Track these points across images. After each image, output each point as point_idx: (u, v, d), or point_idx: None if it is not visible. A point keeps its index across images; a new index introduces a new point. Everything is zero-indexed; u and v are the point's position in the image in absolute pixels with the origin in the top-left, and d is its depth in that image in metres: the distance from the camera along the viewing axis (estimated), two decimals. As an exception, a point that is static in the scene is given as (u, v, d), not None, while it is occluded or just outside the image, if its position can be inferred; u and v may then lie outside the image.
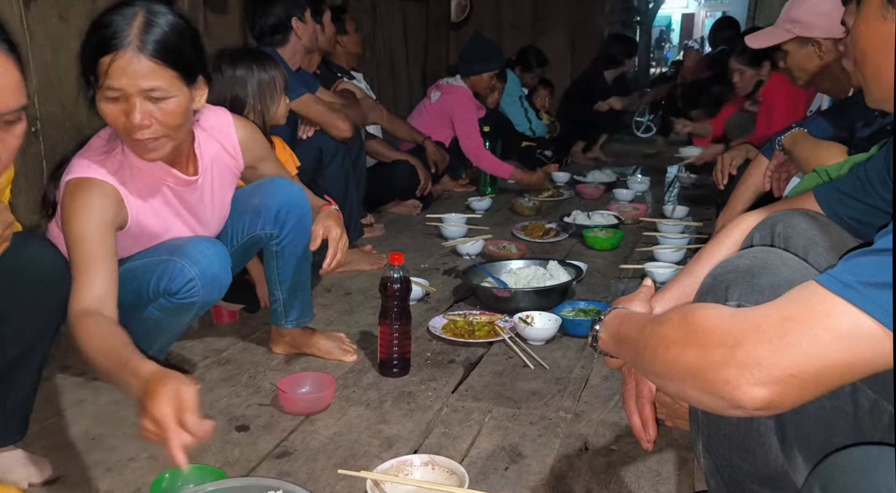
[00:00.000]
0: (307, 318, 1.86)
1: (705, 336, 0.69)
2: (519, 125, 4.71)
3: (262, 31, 2.65)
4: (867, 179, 1.02)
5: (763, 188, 1.98)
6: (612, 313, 0.96)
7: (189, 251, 1.46)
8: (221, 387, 1.70)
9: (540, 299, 2.13)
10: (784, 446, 0.80)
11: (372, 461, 1.36)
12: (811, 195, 1.10)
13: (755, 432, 0.82)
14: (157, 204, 1.52)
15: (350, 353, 1.85)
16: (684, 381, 0.70)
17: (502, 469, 1.35)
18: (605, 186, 4.00)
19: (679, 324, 0.73)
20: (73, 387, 1.70)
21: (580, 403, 1.61)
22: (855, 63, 0.85)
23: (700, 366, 0.68)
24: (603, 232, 2.91)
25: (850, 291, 0.62)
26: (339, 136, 2.67)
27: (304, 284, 1.82)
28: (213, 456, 1.40)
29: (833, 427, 0.76)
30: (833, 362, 0.62)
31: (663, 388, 0.79)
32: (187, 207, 1.57)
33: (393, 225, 3.29)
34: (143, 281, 1.47)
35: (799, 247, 0.98)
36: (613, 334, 0.92)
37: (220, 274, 1.49)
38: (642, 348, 0.79)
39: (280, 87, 2.12)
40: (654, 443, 1.02)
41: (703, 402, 0.70)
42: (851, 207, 1.04)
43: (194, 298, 1.46)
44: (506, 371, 1.78)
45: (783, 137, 1.90)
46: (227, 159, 1.63)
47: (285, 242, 1.72)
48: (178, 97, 1.33)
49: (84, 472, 1.35)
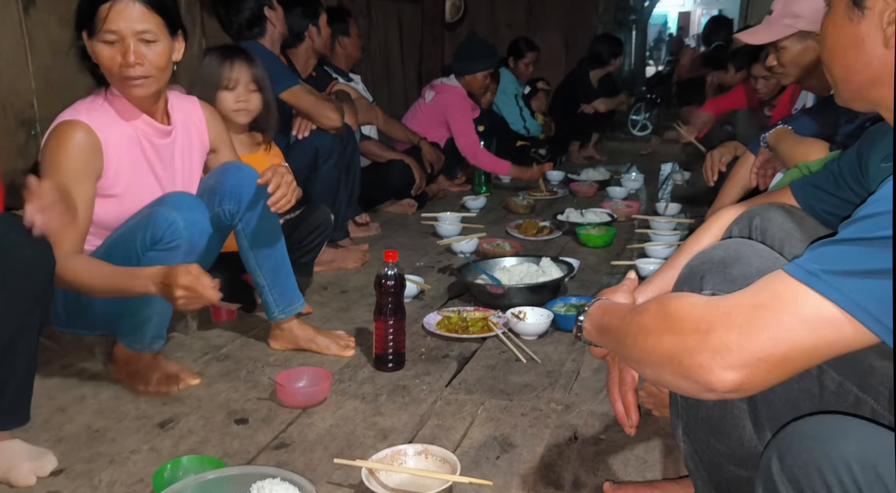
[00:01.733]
0: (297, 304, 1.88)
1: (680, 323, 0.72)
2: (513, 124, 4.75)
3: (240, 27, 2.68)
4: (840, 174, 1.06)
5: (750, 184, 2.02)
6: (595, 305, 1.00)
7: (165, 200, 1.58)
8: (220, 382, 1.74)
9: (532, 295, 2.17)
10: (757, 427, 0.84)
11: (367, 451, 1.40)
12: (788, 190, 1.14)
13: (730, 415, 0.86)
14: (135, 157, 1.63)
15: (349, 348, 1.89)
16: (661, 366, 0.74)
17: (494, 458, 1.39)
18: (598, 184, 4.04)
19: (656, 312, 0.77)
20: (74, 384, 1.73)
21: (570, 395, 1.65)
22: (825, 63, 0.89)
23: (675, 352, 0.72)
24: (596, 229, 2.95)
25: (814, 278, 0.66)
26: (329, 126, 2.67)
27: (283, 267, 1.85)
28: (213, 448, 1.44)
29: (801, 408, 0.80)
30: (798, 345, 0.67)
31: (643, 374, 0.83)
32: (162, 163, 1.68)
33: (388, 224, 3.33)
34: (131, 244, 1.55)
35: (775, 239, 1.02)
36: (597, 325, 0.96)
37: (200, 217, 1.58)
38: (623, 337, 0.83)
39: (214, 84, 2.09)
40: (636, 428, 1.05)
41: (679, 386, 0.74)
42: (825, 200, 1.08)
43: (179, 239, 1.52)
44: (498, 365, 1.82)
45: (768, 135, 1.94)
46: (194, 129, 1.78)
47: (247, 217, 1.77)
48: (164, 42, 1.56)
49: (87, 464, 1.39)
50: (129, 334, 1.65)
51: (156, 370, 1.69)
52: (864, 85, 0.82)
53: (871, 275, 0.64)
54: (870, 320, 0.64)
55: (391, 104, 4.73)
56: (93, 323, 1.68)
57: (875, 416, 0.78)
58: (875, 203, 0.67)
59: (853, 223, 0.68)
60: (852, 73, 0.83)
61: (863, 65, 0.80)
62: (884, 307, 0.63)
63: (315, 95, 2.70)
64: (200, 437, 1.49)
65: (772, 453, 0.69)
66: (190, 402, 1.64)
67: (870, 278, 0.64)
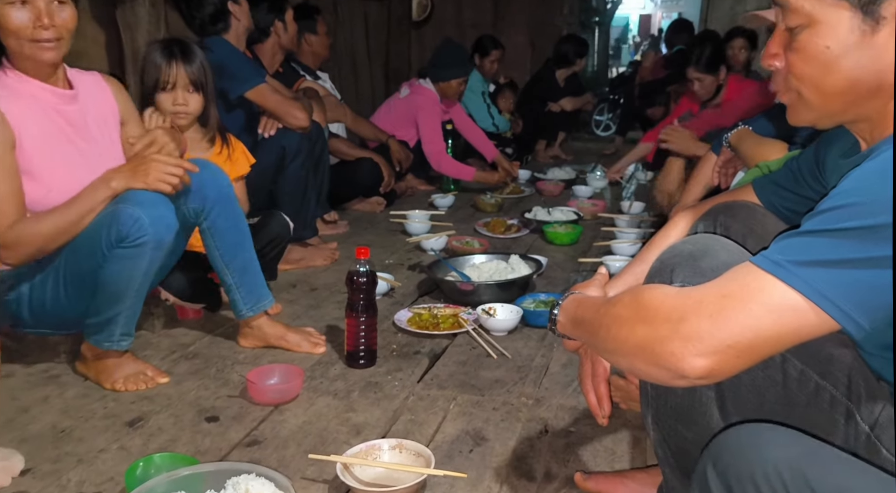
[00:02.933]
0: (265, 301, 1.87)
1: (653, 313, 0.75)
2: (481, 121, 4.77)
3: (203, 23, 2.64)
4: (799, 172, 1.10)
5: (712, 183, 2.08)
6: (569, 298, 1.02)
7: (129, 197, 1.54)
8: (190, 380, 1.73)
9: (502, 291, 2.19)
10: (723, 414, 0.87)
11: (341, 447, 1.40)
12: (750, 188, 1.19)
13: (698, 403, 0.89)
14: (46, 127, 1.60)
15: (319, 345, 1.89)
16: (634, 355, 0.77)
17: (467, 452, 1.41)
18: (564, 183, 4.10)
19: (630, 303, 0.79)
20: (37, 383, 1.70)
21: (540, 389, 1.68)
22: (812, 84, 0.82)
23: (648, 341, 0.74)
24: (562, 227, 3.00)
25: (780, 269, 0.69)
26: (296, 125, 2.63)
27: (251, 265, 1.83)
28: (184, 446, 1.42)
29: (765, 395, 0.84)
30: (765, 332, 0.70)
31: (616, 364, 0.86)
32: (78, 132, 1.65)
33: (357, 222, 3.32)
34: (95, 243, 1.52)
35: (738, 235, 1.06)
36: (571, 317, 0.98)
37: (165, 212, 1.55)
38: (597, 328, 0.85)
39: (151, 84, 2.05)
40: (608, 419, 1.08)
41: (651, 374, 0.77)
42: (785, 197, 1.12)
43: (145, 236, 1.50)
44: (469, 361, 1.84)
45: (730, 135, 2.00)
46: (103, 100, 1.75)
47: (213, 216, 1.74)
48: (73, 7, 1.58)
49: (54, 464, 1.36)
50: (97, 332, 1.62)
51: (124, 368, 1.67)
52: (863, 97, 0.80)
53: (834, 265, 0.67)
54: (832, 308, 0.67)
55: (358, 102, 4.72)
56: (60, 323, 1.66)
57: (833, 403, 0.82)
58: (837, 196, 0.70)
59: (816, 216, 0.71)
60: (857, 86, 0.79)
61: (874, 74, 0.77)
62: (846, 296, 0.67)
63: (282, 94, 2.67)
64: (171, 435, 1.47)
65: (707, 460, 0.72)
66: (159, 400, 1.62)
67: (833, 267, 0.67)
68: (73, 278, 1.59)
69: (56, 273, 1.60)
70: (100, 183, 1.55)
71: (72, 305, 1.61)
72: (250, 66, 2.67)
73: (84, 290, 1.58)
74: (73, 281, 1.59)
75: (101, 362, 1.67)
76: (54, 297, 1.61)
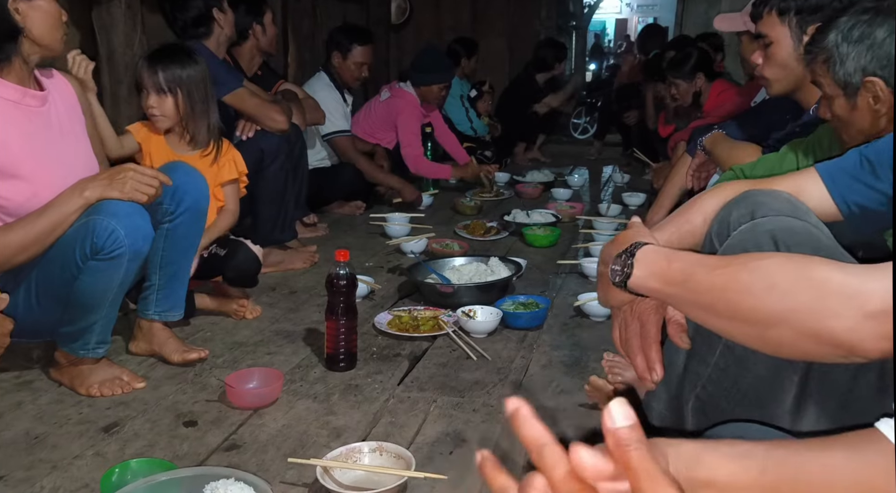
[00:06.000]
0: (176, 312, 1.80)
1: (825, 286, 0.69)
2: (459, 124, 4.80)
3: (185, 25, 2.62)
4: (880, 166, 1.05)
5: (686, 185, 2.11)
6: (649, 250, 0.89)
7: (102, 207, 1.50)
8: (167, 385, 1.71)
9: (482, 294, 2.20)
10: (802, 396, 0.85)
11: (321, 450, 1.40)
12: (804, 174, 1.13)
13: (778, 388, 0.86)
14: (27, 129, 1.57)
15: (191, 352, 1.79)
16: (786, 324, 0.70)
17: (447, 453, 1.41)
18: (543, 185, 4.12)
19: (790, 270, 0.72)
20: (10, 389, 1.67)
21: (520, 391, 1.69)
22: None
23: (815, 313, 0.68)
24: (541, 230, 3.02)
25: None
26: (275, 128, 2.61)
27: (182, 275, 1.79)
28: (161, 451, 1.41)
29: (857, 378, 0.83)
30: None
31: (736, 332, 0.77)
32: (50, 131, 1.63)
33: (336, 225, 3.31)
34: (69, 255, 1.49)
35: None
36: (660, 272, 0.85)
37: (141, 222, 1.53)
38: (721, 290, 0.76)
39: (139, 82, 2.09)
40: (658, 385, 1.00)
41: (806, 348, 0.71)
42: (857, 191, 1.06)
43: (121, 248, 1.48)
44: (450, 363, 1.84)
45: (705, 139, 2.03)
46: (66, 92, 1.74)
47: (178, 222, 1.71)
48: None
49: (27, 470, 1.34)
50: (73, 341, 1.60)
51: (99, 373, 1.64)
52: None
53: None
54: None
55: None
56: (34, 332, 1.63)
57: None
58: None
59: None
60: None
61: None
62: None
63: (260, 98, 2.66)
64: (148, 440, 1.45)
65: None
66: (135, 405, 1.60)
67: None
68: (47, 290, 1.56)
69: (28, 284, 1.57)
70: (72, 192, 1.51)
71: (46, 315, 1.58)
72: (227, 72, 2.65)
73: (58, 301, 1.55)
74: (46, 292, 1.56)
75: (76, 368, 1.64)
76: (27, 308, 1.58)
